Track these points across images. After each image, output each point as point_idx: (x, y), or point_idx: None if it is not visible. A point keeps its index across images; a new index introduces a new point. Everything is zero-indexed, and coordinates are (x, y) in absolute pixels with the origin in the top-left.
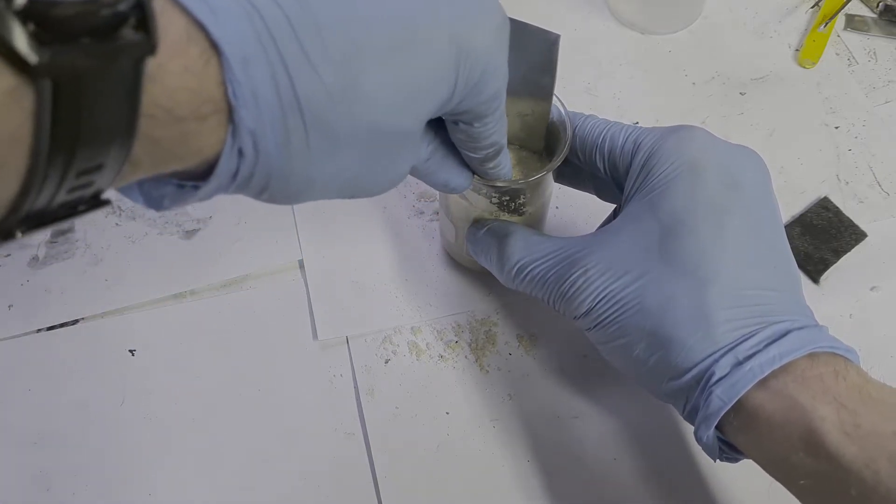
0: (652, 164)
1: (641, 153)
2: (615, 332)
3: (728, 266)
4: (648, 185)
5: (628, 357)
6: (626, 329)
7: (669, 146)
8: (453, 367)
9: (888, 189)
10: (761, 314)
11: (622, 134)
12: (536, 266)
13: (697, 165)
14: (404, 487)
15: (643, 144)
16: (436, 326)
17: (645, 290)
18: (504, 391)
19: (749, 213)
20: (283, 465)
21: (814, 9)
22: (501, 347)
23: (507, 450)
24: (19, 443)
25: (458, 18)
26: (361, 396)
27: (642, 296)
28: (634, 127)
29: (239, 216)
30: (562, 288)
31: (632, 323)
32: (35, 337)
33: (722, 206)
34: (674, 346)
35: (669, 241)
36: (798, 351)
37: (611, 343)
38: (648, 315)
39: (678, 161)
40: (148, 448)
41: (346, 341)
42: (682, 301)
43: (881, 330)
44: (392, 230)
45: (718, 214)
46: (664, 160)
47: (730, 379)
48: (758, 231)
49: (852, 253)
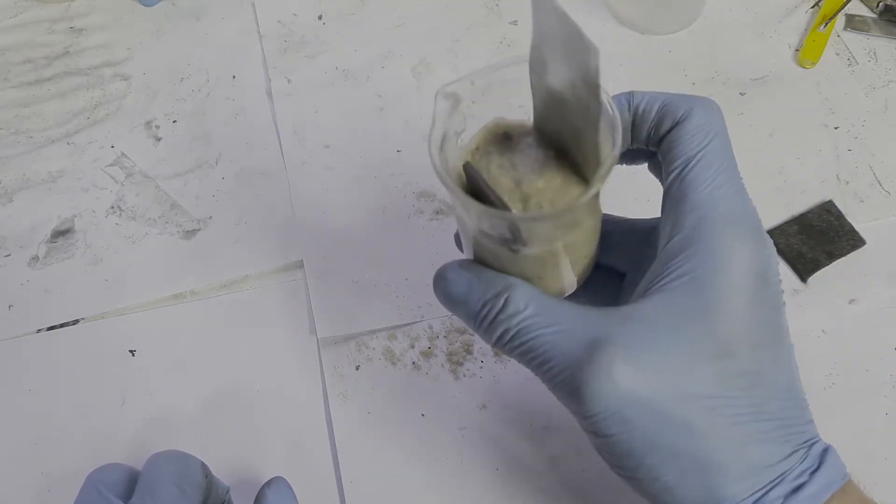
0: (717, 251)
1: (702, 215)
2: (642, 448)
3: (779, 389)
4: (703, 273)
5: (651, 478)
6: (659, 447)
7: (743, 244)
8: (426, 374)
9: (889, 188)
10: (799, 436)
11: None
12: (539, 335)
13: (767, 279)
14: (370, 494)
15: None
16: (414, 332)
17: (695, 413)
18: (477, 399)
19: (785, 328)
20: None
21: (814, 9)
22: (476, 355)
23: (476, 458)
24: (19, 443)
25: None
26: (331, 400)
27: (692, 418)
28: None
29: (239, 216)
30: (574, 376)
31: (667, 442)
32: (35, 337)
33: (778, 325)
34: (721, 476)
35: (729, 362)
36: (839, 480)
37: (631, 460)
38: (696, 439)
39: (750, 268)
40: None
41: (343, 342)
42: (735, 428)
43: (857, 343)
44: (392, 230)
45: (777, 332)
46: (734, 259)
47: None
48: (790, 350)
49: (847, 258)
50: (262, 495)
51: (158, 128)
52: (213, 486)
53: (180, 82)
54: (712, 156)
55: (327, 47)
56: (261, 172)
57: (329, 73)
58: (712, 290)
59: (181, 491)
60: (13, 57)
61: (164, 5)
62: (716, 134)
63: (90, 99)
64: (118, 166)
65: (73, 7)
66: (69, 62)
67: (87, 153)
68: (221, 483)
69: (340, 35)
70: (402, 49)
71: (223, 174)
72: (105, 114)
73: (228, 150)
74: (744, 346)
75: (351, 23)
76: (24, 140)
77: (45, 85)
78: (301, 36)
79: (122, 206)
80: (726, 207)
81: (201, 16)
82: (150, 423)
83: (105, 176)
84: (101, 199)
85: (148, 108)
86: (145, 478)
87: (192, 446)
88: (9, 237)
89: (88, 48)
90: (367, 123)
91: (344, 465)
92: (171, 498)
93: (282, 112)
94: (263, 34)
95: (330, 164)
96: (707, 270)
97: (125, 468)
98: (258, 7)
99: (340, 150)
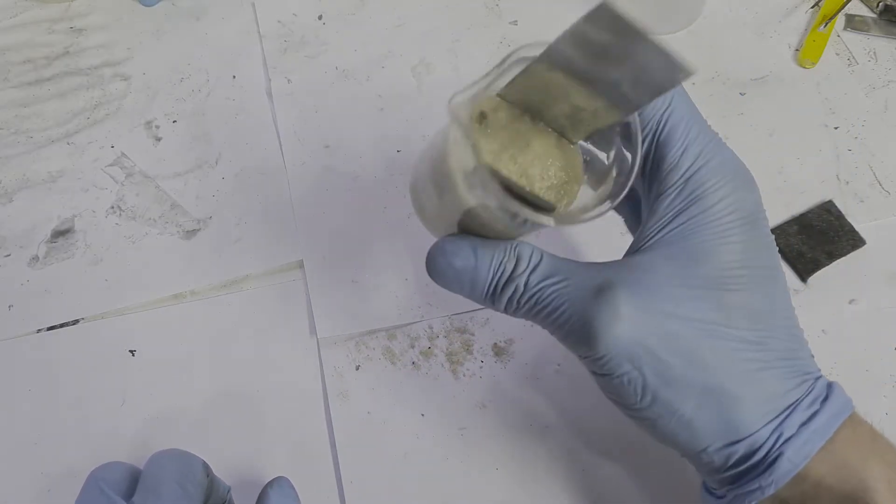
0: (707, 203)
1: (698, 184)
2: (654, 383)
3: (779, 326)
4: (694, 222)
5: (668, 414)
6: (670, 380)
7: (728, 189)
8: (426, 374)
9: (889, 188)
10: (803, 369)
11: (683, 135)
12: (548, 286)
13: (757, 221)
14: (370, 494)
15: (701, 174)
16: (414, 332)
17: (700, 341)
18: (476, 399)
19: (778, 259)
20: (269, 469)
21: (814, 9)
22: (476, 354)
23: (476, 458)
24: (19, 443)
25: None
26: (331, 400)
27: (698, 347)
28: (700, 128)
29: (239, 216)
30: (584, 319)
31: (678, 374)
32: (35, 337)
33: (772, 265)
34: (736, 405)
35: (727, 296)
36: (847, 410)
37: (645, 398)
38: (706, 369)
39: (738, 210)
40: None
41: (343, 342)
42: (742, 357)
43: (857, 343)
44: (392, 230)
45: (771, 272)
46: (722, 206)
47: (798, 440)
48: (784, 280)
49: (847, 258)
50: (264, 495)
51: (158, 128)
52: (215, 486)
53: (180, 82)
54: (678, 113)
55: (327, 47)
56: (261, 172)
57: (329, 73)
58: (704, 232)
59: (183, 490)
60: (13, 57)
61: (164, 5)
62: (675, 93)
63: (90, 99)
64: (118, 166)
65: (73, 7)
66: (69, 62)
67: (87, 153)
68: (223, 482)
69: (340, 35)
70: (402, 49)
71: (223, 174)
72: (105, 114)
73: (228, 150)
74: (739, 282)
75: (351, 23)
76: (24, 140)
77: (45, 85)
78: (301, 36)
79: (122, 206)
80: (704, 158)
81: (201, 16)
82: (150, 423)
83: (105, 176)
84: (101, 199)
85: (148, 108)
86: (147, 476)
87: (192, 446)
88: (9, 237)
89: (88, 48)
90: (367, 123)
91: (344, 465)
92: (174, 496)
93: (282, 112)
94: (263, 34)
95: (330, 164)
96: (696, 218)
97: (127, 466)
98: (258, 7)
99: (340, 150)
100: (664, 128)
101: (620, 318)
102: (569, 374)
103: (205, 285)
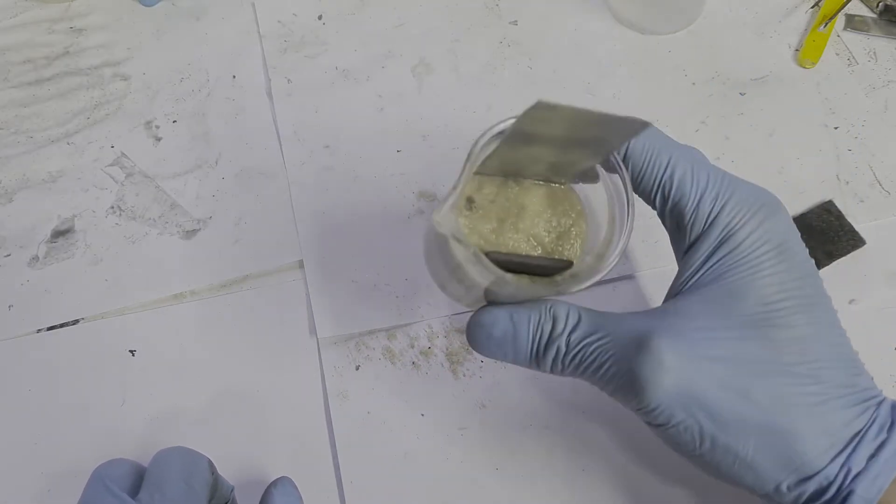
0: (735, 241)
1: (722, 226)
2: (711, 428)
3: (830, 353)
4: (725, 261)
5: (729, 457)
6: (726, 423)
7: (755, 223)
8: (426, 374)
9: (889, 188)
10: (862, 396)
11: (694, 186)
12: (590, 344)
13: (789, 248)
14: (370, 494)
15: (722, 215)
16: (414, 332)
17: (750, 381)
18: (476, 399)
19: (816, 280)
20: (269, 469)
21: (814, 9)
22: (476, 354)
23: (476, 457)
24: (19, 443)
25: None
26: (331, 400)
27: (748, 387)
28: (708, 173)
29: (239, 216)
30: (630, 374)
31: (733, 416)
32: (35, 337)
33: (814, 291)
34: (797, 443)
35: (771, 332)
36: None
37: (704, 443)
38: (760, 409)
39: (768, 241)
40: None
41: (343, 342)
42: (795, 392)
43: (857, 343)
44: (392, 230)
45: (813, 298)
46: (751, 241)
47: (868, 475)
48: (826, 298)
49: (847, 258)
50: (268, 495)
51: (158, 128)
52: (219, 484)
53: (180, 82)
54: (681, 167)
55: (327, 47)
56: (261, 172)
57: (329, 73)
58: (737, 270)
59: (189, 487)
60: (13, 57)
61: (164, 5)
62: (672, 152)
63: (90, 99)
64: (118, 166)
65: (73, 7)
66: (69, 62)
67: (87, 153)
68: (226, 481)
69: (340, 35)
70: (402, 49)
71: (223, 174)
72: (105, 114)
73: (228, 150)
74: (780, 315)
75: (351, 23)
76: (24, 140)
77: (45, 85)
78: (301, 36)
79: (122, 206)
80: (722, 200)
81: (201, 16)
82: (151, 423)
83: (105, 176)
84: (101, 199)
85: (148, 108)
86: (153, 473)
87: (192, 445)
88: (9, 237)
89: (88, 48)
90: (367, 123)
91: (344, 465)
92: (179, 494)
93: (282, 112)
94: (263, 34)
95: (330, 164)
96: (727, 257)
97: (131, 463)
98: (258, 7)
99: (340, 150)
100: (672, 187)
101: (665, 368)
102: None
103: (205, 285)
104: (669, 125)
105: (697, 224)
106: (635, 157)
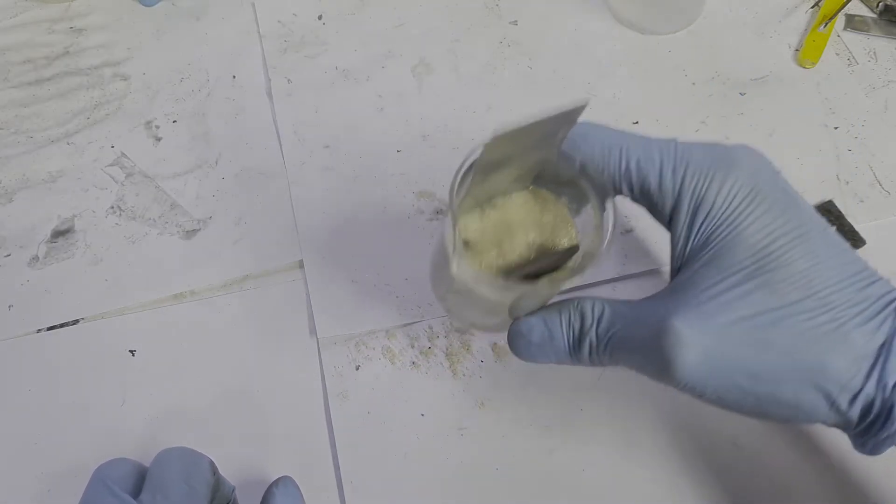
0: (707, 204)
1: (689, 194)
2: (748, 384)
3: (833, 275)
4: (709, 227)
5: (774, 404)
6: (760, 376)
7: (719, 181)
8: (426, 373)
9: (889, 188)
10: (879, 302)
11: (651, 167)
12: (618, 334)
13: (762, 190)
14: (370, 494)
15: (686, 184)
16: (414, 332)
17: (768, 332)
18: (476, 399)
19: (802, 210)
20: (269, 469)
21: (814, 9)
22: (475, 354)
23: (476, 458)
24: (19, 443)
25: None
26: (331, 400)
27: (768, 337)
28: (660, 149)
29: (239, 216)
30: (658, 357)
31: (764, 368)
32: (35, 337)
33: (802, 220)
34: (830, 373)
35: (770, 276)
36: None
37: (748, 399)
38: (785, 353)
39: (740, 189)
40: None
41: (343, 342)
42: (812, 325)
43: None
44: (392, 230)
45: (802, 228)
46: (721, 199)
47: None
48: (817, 223)
49: None
50: (269, 494)
51: (158, 128)
52: (221, 484)
53: (180, 82)
54: (635, 150)
55: (327, 47)
56: (261, 172)
57: (329, 73)
58: (721, 227)
59: (191, 488)
60: (13, 57)
61: (164, 5)
62: (622, 137)
63: (90, 99)
64: (118, 166)
65: (73, 7)
66: (69, 62)
67: (87, 153)
68: (227, 481)
69: (340, 35)
70: (402, 49)
71: (223, 174)
72: (105, 114)
73: (228, 150)
74: (776, 255)
75: (351, 23)
76: (24, 140)
77: (45, 85)
78: (301, 36)
79: (122, 206)
80: (680, 171)
81: (201, 16)
82: (151, 424)
83: (105, 176)
84: (101, 199)
85: (148, 108)
86: (154, 474)
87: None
88: (9, 237)
89: (88, 48)
90: (367, 123)
91: (344, 465)
92: (181, 495)
93: (282, 112)
94: (263, 34)
95: (330, 164)
96: (707, 218)
97: (132, 463)
98: (258, 7)
99: (340, 150)
100: (632, 175)
101: (685, 345)
102: (568, 373)
103: (205, 285)
104: (669, 125)
105: (668, 200)
106: (595, 162)
